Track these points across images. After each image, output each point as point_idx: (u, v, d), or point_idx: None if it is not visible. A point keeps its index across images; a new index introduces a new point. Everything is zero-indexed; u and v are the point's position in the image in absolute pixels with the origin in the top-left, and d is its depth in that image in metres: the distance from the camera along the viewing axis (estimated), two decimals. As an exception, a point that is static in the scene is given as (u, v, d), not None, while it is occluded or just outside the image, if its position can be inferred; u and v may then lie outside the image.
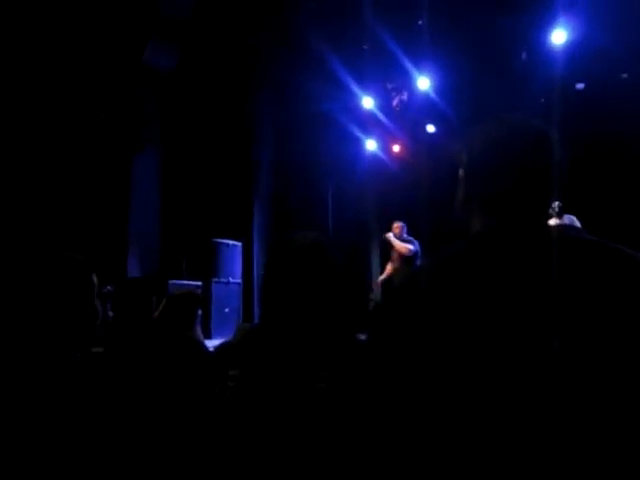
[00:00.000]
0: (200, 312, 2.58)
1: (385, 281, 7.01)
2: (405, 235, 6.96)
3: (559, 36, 6.72)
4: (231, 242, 7.92)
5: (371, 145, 8.96)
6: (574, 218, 6.56)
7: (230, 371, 1.22)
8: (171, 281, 6.79)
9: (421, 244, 6.85)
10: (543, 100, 7.49)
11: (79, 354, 1.50)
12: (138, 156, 7.05)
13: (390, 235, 6.93)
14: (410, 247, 6.77)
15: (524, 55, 7.10)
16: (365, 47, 7.48)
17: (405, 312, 0.94)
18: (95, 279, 1.56)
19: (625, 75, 6.85)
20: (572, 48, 6.73)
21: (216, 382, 1.84)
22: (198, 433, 1.80)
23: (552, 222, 6.46)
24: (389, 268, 7.05)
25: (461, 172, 1.09)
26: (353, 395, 1.07)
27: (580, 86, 6.83)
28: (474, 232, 1.01)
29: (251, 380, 1.20)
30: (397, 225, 6.99)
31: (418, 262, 6.77)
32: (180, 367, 1.84)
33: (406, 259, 6.78)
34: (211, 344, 5.49)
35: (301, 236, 1.25)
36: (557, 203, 6.49)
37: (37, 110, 6.24)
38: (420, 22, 6.85)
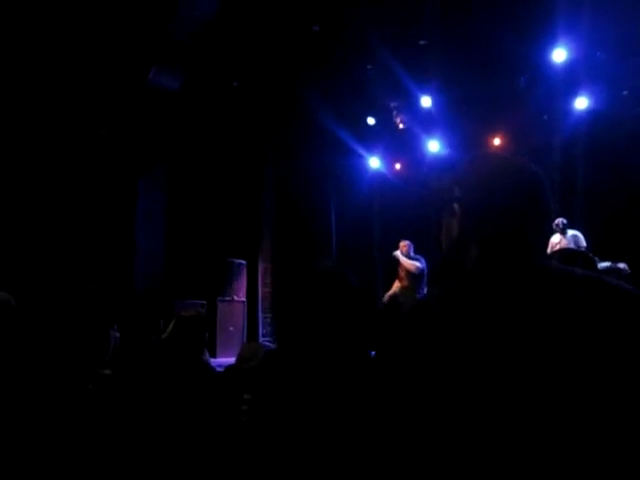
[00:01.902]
0: (207, 335, 2.59)
1: (391, 298, 7.05)
2: (412, 253, 7.03)
3: (559, 55, 6.79)
4: (236, 260, 7.94)
5: (374, 163, 9.03)
6: (579, 234, 6.59)
7: (245, 395, 1.25)
8: (177, 300, 6.80)
9: (427, 261, 6.91)
10: (546, 117, 7.57)
11: (91, 386, 1.52)
12: (144, 175, 7.11)
13: (398, 253, 7.01)
14: (418, 265, 6.84)
15: (522, 80, 7.19)
16: (369, 67, 7.57)
17: (412, 339, 0.98)
18: (109, 310, 1.59)
19: (625, 92, 6.91)
20: (572, 66, 6.80)
21: (229, 405, 1.85)
22: (210, 455, 1.81)
23: (556, 238, 6.50)
24: (396, 285, 7.10)
25: (456, 207, 1.10)
26: (365, 413, 1.10)
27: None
28: (471, 268, 1.04)
29: (265, 404, 1.22)
30: (404, 244, 7.06)
31: (425, 280, 6.85)
32: (192, 390, 1.85)
33: (414, 276, 6.86)
34: (216, 363, 5.49)
35: (322, 264, 1.30)
36: (561, 220, 6.54)
37: (45, 132, 6.32)
38: (422, 42, 6.94)
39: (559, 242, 6.46)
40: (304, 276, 1.30)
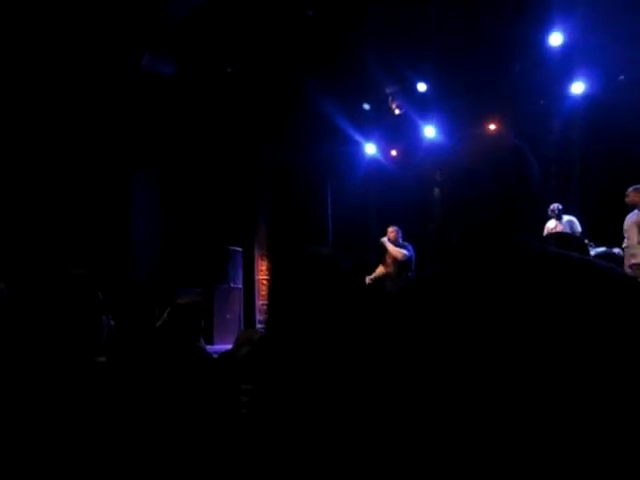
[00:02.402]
0: (203, 322, 2.59)
1: (373, 282, 6.92)
2: (400, 240, 6.95)
3: (556, 39, 6.75)
4: (232, 248, 7.93)
5: (370, 149, 8.99)
6: (574, 219, 6.60)
7: (243, 385, 1.25)
8: (173, 288, 6.80)
9: (417, 247, 6.86)
10: (542, 102, 7.54)
11: (85, 374, 1.51)
12: (140, 165, 7.07)
13: (385, 240, 6.90)
14: (405, 252, 6.74)
15: (518, 64, 7.14)
16: (364, 53, 7.51)
17: (402, 323, 0.97)
18: (100, 295, 1.58)
19: (622, 77, 6.87)
20: (569, 50, 6.77)
21: (225, 392, 1.85)
22: (207, 444, 1.81)
23: (552, 224, 6.51)
24: (380, 270, 7.01)
25: (436, 191, 1.09)
26: (358, 396, 1.10)
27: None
28: (453, 253, 1.02)
29: (265, 394, 1.22)
30: (392, 229, 6.94)
31: (412, 267, 6.78)
32: (188, 377, 1.85)
33: (400, 264, 6.78)
34: (213, 350, 5.50)
35: (316, 250, 1.29)
36: (557, 205, 6.54)
37: (39, 122, 6.27)
38: (417, 28, 6.88)
39: (554, 227, 6.46)
40: (294, 260, 1.29)
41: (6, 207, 5.94)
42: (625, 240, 5.68)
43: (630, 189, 5.70)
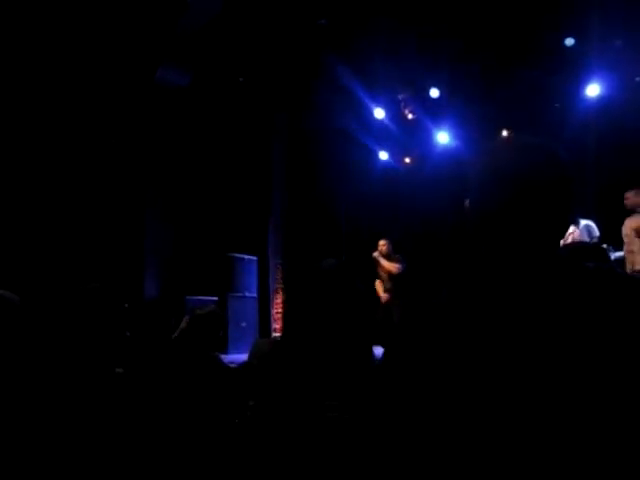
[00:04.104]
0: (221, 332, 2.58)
1: (371, 294, 6.79)
2: (391, 252, 6.85)
3: (571, 41, 6.70)
4: (247, 256, 7.93)
5: (384, 156, 8.97)
6: (592, 224, 6.49)
7: (250, 401, 1.26)
8: (187, 297, 6.82)
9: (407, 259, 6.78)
10: (558, 105, 7.48)
11: (101, 384, 1.51)
12: (153, 175, 7.12)
13: (377, 255, 6.80)
14: (399, 266, 6.68)
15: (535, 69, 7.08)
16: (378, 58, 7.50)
17: (419, 346, 0.93)
18: (114, 306, 1.58)
19: (638, 79, 6.81)
20: (584, 53, 6.71)
21: (237, 410, 1.84)
22: (221, 452, 1.79)
23: (570, 228, 6.42)
24: (379, 285, 6.87)
25: (466, 203, 1.01)
26: (366, 417, 1.08)
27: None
28: (479, 269, 0.96)
29: (267, 411, 1.22)
30: (383, 243, 6.86)
31: (405, 279, 6.73)
32: (205, 388, 1.83)
33: (395, 277, 6.71)
34: (228, 359, 5.49)
35: (327, 262, 1.30)
36: (574, 209, 6.46)
37: (53, 136, 6.33)
38: (431, 31, 6.85)
39: (572, 232, 6.37)
40: (309, 275, 1.29)
41: (21, 216, 5.99)
42: (625, 245, 5.54)
43: (630, 192, 5.53)
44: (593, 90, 7.06)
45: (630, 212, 5.57)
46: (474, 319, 0.88)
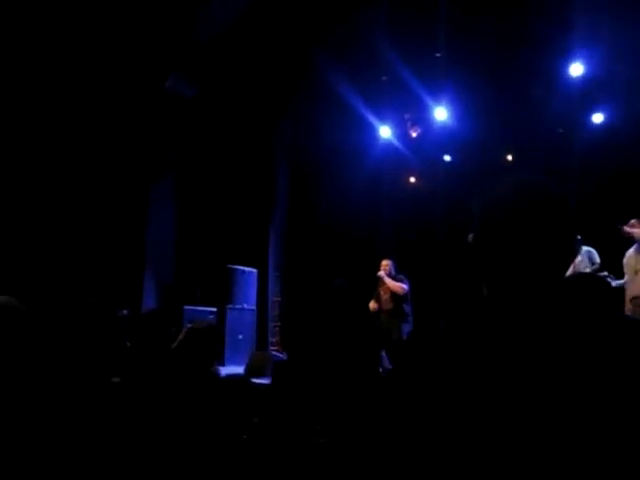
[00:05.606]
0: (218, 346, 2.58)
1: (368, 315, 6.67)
2: (394, 272, 6.78)
3: (577, 69, 6.75)
4: (247, 269, 7.93)
5: (388, 175, 9.01)
6: (593, 250, 6.49)
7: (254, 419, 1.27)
8: (186, 307, 6.80)
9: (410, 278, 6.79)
10: (561, 130, 7.53)
11: (98, 395, 1.51)
12: (155, 183, 7.13)
13: (383, 274, 6.71)
14: (404, 286, 6.61)
15: (537, 92, 7.13)
16: (384, 78, 7.58)
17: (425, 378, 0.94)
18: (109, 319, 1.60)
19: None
20: (589, 80, 6.76)
21: (237, 418, 1.84)
22: (216, 466, 1.79)
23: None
24: (372, 307, 6.71)
25: (470, 238, 1.02)
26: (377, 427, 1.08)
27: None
28: (480, 309, 0.97)
29: (270, 430, 1.23)
30: (386, 263, 6.79)
31: (409, 298, 6.69)
32: (201, 402, 1.83)
33: (399, 298, 6.62)
34: (224, 371, 5.47)
35: (337, 281, 1.31)
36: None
37: (58, 136, 6.36)
38: (438, 54, 6.93)
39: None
40: (316, 293, 1.30)
41: (19, 219, 6.00)
42: (625, 275, 5.51)
43: (634, 220, 5.48)
44: (597, 118, 7.13)
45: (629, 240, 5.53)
46: (474, 358, 0.89)
